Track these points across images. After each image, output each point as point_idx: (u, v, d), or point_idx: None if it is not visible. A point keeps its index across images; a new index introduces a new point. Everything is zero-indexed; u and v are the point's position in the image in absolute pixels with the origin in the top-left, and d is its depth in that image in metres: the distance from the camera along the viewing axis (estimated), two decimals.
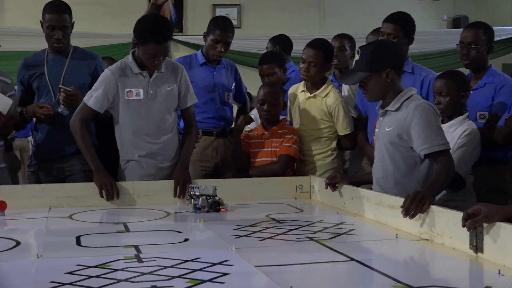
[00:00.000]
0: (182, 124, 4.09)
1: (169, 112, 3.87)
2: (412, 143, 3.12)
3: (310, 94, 4.26)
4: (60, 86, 3.93)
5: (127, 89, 3.77)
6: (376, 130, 3.33)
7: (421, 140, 3.06)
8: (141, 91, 3.78)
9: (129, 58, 3.81)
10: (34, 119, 4.09)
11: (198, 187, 3.46)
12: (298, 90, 4.36)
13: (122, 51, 8.65)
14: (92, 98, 3.75)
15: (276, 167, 4.09)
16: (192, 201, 3.47)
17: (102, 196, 3.66)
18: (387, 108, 3.23)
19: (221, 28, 4.50)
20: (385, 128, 3.23)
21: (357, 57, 3.22)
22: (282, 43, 5.44)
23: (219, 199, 3.46)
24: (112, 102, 3.78)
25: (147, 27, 3.67)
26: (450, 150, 3.13)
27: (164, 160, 3.87)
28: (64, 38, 4.02)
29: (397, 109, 3.19)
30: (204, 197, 3.43)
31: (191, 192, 3.49)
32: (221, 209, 3.46)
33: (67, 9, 4.02)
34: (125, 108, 3.79)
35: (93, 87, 3.80)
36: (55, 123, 4.01)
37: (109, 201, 3.66)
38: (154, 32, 3.64)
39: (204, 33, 4.61)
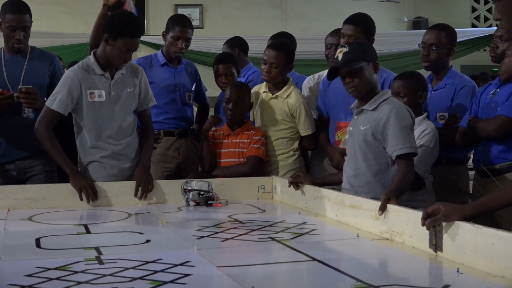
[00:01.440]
0: None
1: (130, 113, 3.84)
2: (385, 144, 3.14)
3: (272, 95, 4.27)
4: (20, 87, 3.85)
5: (90, 91, 3.73)
6: (350, 128, 3.34)
7: (395, 141, 3.09)
8: (103, 92, 3.74)
9: (91, 59, 3.76)
10: None
11: (191, 182, 3.67)
12: (260, 91, 4.37)
13: (82, 50, 8.57)
14: (56, 101, 3.68)
15: (245, 168, 4.09)
16: (185, 195, 3.67)
17: (81, 199, 3.64)
18: (364, 107, 3.24)
19: (180, 24, 4.50)
20: (359, 127, 3.24)
21: (343, 50, 3.19)
22: (240, 45, 5.27)
23: (212, 194, 3.67)
24: (76, 103, 3.73)
25: (123, 21, 3.63)
26: None
27: (126, 160, 3.84)
28: (25, 38, 3.96)
29: (374, 109, 3.20)
30: (195, 192, 3.62)
31: (185, 187, 3.66)
32: (217, 204, 3.67)
33: (27, 9, 3.97)
34: (88, 109, 3.74)
35: (55, 90, 3.73)
36: (14, 123, 3.95)
37: (89, 203, 3.64)
38: (131, 25, 3.63)
39: (163, 32, 4.60)
